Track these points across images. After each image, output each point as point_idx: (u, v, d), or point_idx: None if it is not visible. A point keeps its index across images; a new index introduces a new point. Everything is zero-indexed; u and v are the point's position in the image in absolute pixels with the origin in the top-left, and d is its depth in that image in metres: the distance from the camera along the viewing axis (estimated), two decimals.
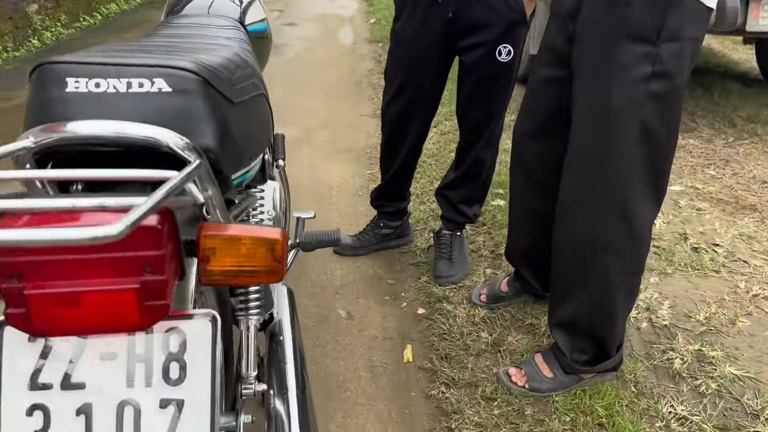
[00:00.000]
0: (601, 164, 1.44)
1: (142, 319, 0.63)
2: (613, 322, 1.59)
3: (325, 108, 4.21)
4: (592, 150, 1.45)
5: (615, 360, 1.67)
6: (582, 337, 1.64)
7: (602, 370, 1.68)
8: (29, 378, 0.68)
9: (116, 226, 0.49)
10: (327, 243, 1.79)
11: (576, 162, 1.50)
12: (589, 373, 1.68)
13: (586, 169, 1.47)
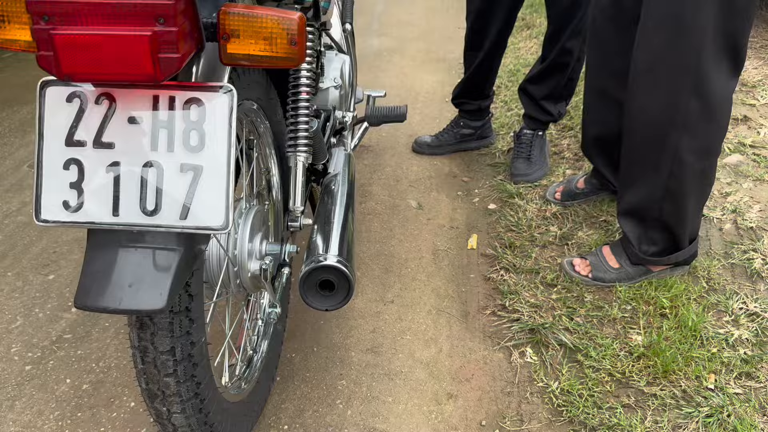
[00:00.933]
0: (673, 26, 1.33)
1: (155, 69, 0.67)
2: (684, 210, 1.50)
3: (423, 20, 4.14)
4: (665, 10, 1.34)
5: (687, 252, 1.58)
6: (651, 226, 1.56)
7: (673, 262, 1.59)
8: (66, 135, 0.75)
9: None
10: (393, 118, 1.80)
11: (648, 25, 1.39)
12: (658, 265, 1.60)
13: (657, 33, 1.37)
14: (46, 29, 0.65)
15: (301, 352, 1.49)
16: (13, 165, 2.32)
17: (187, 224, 0.74)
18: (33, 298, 1.66)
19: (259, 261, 1.11)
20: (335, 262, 1.03)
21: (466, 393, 1.39)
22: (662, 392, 1.34)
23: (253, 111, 1.13)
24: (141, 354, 0.86)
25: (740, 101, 2.57)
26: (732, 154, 2.17)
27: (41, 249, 1.86)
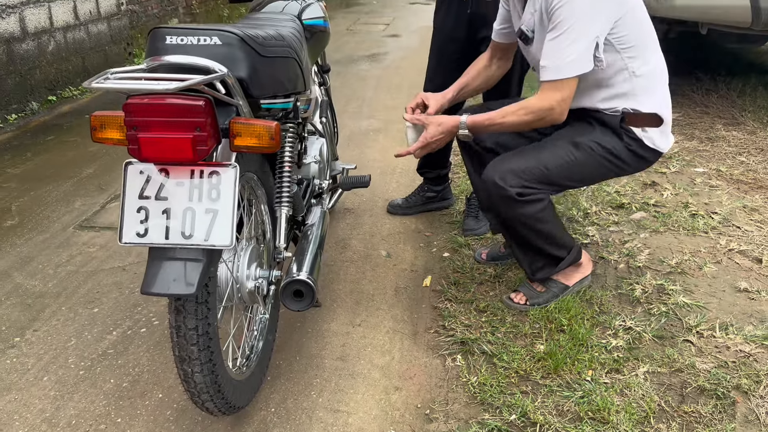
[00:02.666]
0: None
1: (194, 155, 1.21)
2: (538, 242, 2.04)
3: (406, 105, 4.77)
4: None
5: (570, 258, 2.09)
6: (527, 256, 2.10)
7: (563, 268, 2.11)
8: (138, 192, 1.28)
9: (169, 86, 1.07)
10: (360, 184, 2.36)
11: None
12: (552, 274, 2.11)
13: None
14: (135, 134, 1.20)
15: (286, 360, 1.97)
16: (60, 227, 2.86)
17: (208, 243, 1.27)
18: (83, 325, 2.17)
19: (254, 281, 1.63)
20: (305, 277, 1.55)
21: (409, 387, 1.86)
22: (552, 383, 1.81)
23: (253, 180, 1.68)
24: (176, 330, 1.36)
25: (654, 170, 3.13)
26: (637, 212, 2.70)
27: (87, 290, 2.37)
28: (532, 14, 1.87)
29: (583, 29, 1.74)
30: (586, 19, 1.73)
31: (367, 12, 9.69)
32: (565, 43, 1.75)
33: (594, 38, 1.75)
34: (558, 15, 1.74)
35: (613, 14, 1.78)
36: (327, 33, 2.34)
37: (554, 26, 1.77)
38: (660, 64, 1.95)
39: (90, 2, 5.20)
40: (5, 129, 4.20)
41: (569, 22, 1.73)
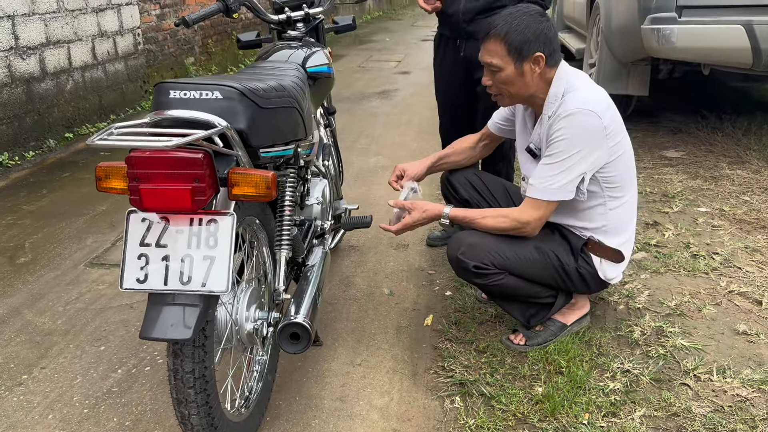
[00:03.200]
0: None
1: (192, 205, 1.26)
2: (520, 298, 2.10)
3: (414, 142, 4.84)
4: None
5: (561, 302, 2.13)
6: (516, 309, 2.14)
7: (556, 311, 2.15)
8: (140, 239, 1.34)
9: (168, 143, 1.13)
10: (361, 225, 2.40)
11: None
12: (547, 318, 2.15)
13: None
14: (136, 185, 1.26)
15: (286, 400, 2.00)
16: (71, 264, 2.93)
17: (205, 289, 1.31)
18: (89, 363, 2.21)
19: (253, 323, 1.67)
20: (301, 320, 1.59)
21: (407, 429, 1.87)
22: (548, 426, 1.82)
23: (255, 223, 1.73)
24: (173, 374, 1.40)
25: (656, 209, 3.15)
26: (638, 252, 2.71)
27: (95, 328, 2.42)
28: (540, 135, 1.97)
29: (575, 164, 1.85)
30: (579, 156, 1.84)
31: (379, 49, 9.86)
32: (555, 170, 1.87)
33: (581, 174, 1.87)
34: (557, 146, 1.86)
35: (606, 157, 1.89)
36: (331, 78, 2.41)
37: (551, 153, 1.88)
38: (633, 202, 2.07)
39: (108, 43, 5.37)
40: (23, 166, 4.32)
41: (564, 155, 1.85)
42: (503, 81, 1.92)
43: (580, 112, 1.83)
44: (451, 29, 2.74)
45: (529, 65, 1.87)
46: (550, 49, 1.87)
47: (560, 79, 1.92)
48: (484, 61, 1.94)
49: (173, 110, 1.35)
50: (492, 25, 1.90)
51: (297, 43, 2.34)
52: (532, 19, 1.86)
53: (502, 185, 2.39)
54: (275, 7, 2.47)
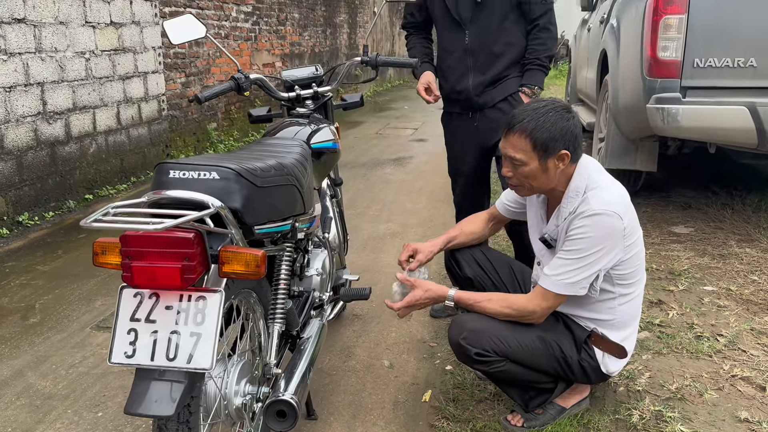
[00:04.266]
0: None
1: (181, 283, 1.30)
2: (520, 383, 2.09)
3: (425, 209, 4.90)
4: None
5: (561, 387, 2.11)
6: (515, 392, 2.13)
7: (556, 395, 2.13)
8: (130, 315, 1.37)
9: (157, 227, 1.18)
10: (359, 297, 2.42)
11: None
12: (546, 402, 2.12)
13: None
14: (129, 263, 1.31)
15: None
16: (78, 327, 2.97)
17: (190, 366, 1.34)
18: (85, 430, 2.21)
19: (242, 398, 1.67)
20: (289, 397, 1.59)
21: None
22: None
23: (251, 296, 1.76)
24: None
25: (661, 287, 3.12)
26: (641, 332, 2.68)
27: (94, 393, 2.44)
28: (557, 227, 1.98)
29: (591, 263, 1.86)
30: (597, 255, 1.85)
31: (397, 117, 10.10)
32: (571, 266, 1.87)
33: (596, 271, 1.88)
34: (577, 243, 1.86)
35: (621, 255, 1.90)
36: (337, 153, 2.49)
37: (570, 249, 1.89)
38: (640, 296, 2.07)
39: (133, 108, 5.58)
40: (41, 226, 4.44)
41: (583, 253, 1.86)
42: (525, 175, 1.92)
43: (604, 213, 1.83)
44: (461, 105, 2.85)
45: (554, 161, 1.88)
46: (575, 145, 1.89)
47: (581, 174, 1.93)
48: (507, 154, 1.92)
49: (170, 190, 1.41)
50: (517, 119, 1.89)
51: (304, 120, 2.42)
52: (559, 116, 1.86)
53: (508, 264, 2.40)
54: (286, 84, 2.58)
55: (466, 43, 2.74)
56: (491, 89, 2.77)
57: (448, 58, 2.82)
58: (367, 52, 2.61)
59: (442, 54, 2.87)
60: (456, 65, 2.79)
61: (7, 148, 4.24)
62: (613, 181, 1.97)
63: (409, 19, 3.04)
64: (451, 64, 2.80)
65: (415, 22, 3.02)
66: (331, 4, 11.03)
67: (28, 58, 4.34)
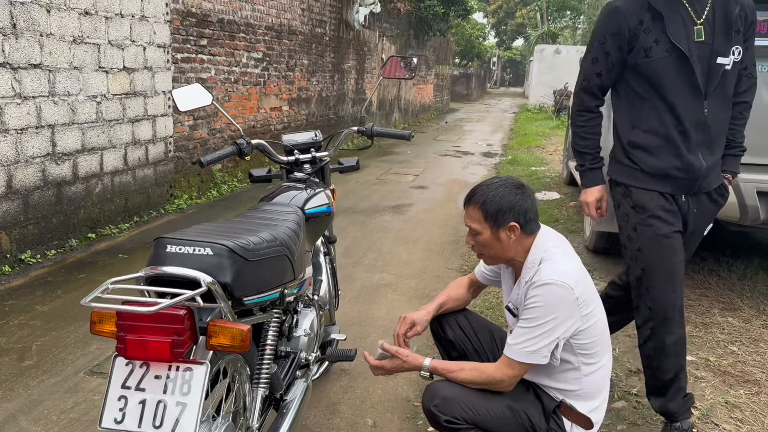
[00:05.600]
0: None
1: (170, 356, 1.40)
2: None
3: (420, 260, 5.00)
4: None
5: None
6: None
7: None
8: (122, 382, 1.47)
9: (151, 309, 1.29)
10: (344, 358, 2.51)
11: None
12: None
13: None
14: (123, 336, 1.41)
15: None
16: (73, 371, 3.05)
17: None
18: None
19: None
20: None
21: None
22: None
23: (238, 359, 1.85)
24: None
25: None
26: (618, 401, 2.75)
27: None
28: (518, 296, 2.11)
29: (548, 331, 1.96)
30: (552, 323, 1.96)
31: (399, 161, 10.28)
32: (529, 335, 1.98)
33: (555, 340, 1.98)
34: (532, 312, 1.98)
35: (578, 324, 2.00)
36: (330, 215, 2.60)
37: (526, 318, 2.00)
38: (607, 368, 2.15)
39: (140, 150, 5.74)
40: (43, 264, 4.55)
41: (537, 321, 1.97)
42: (482, 243, 2.08)
43: (553, 283, 1.95)
44: (678, 186, 2.36)
45: (505, 232, 2.03)
46: (525, 218, 2.03)
47: (537, 247, 2.06)
48: (467, 224, 2.10)
49: (166, 266, 1.52)
50: (473, 193, 2.09)
51: (301, 184, 2.55)
52: (508, 191, 2.03)
53: (488, 329, 2.49)
54: (286, 148, 2.72)
55: (705, 114, 2.30)
56: (713, 171, 2.39)
57: (670, 130, 2.32)
58: (363, 123, 2.75)
59: (658, 122, 2.33)
60: (682, 139, 2.31)
61: (14, 187, 4.37)
62: (570, 255, 2.09)
63: (595, 83, 2.44)
64: (675, 136, 2.31)
65: (601, 88, 2.46)
66: (340, 51, 11.33)
67: (41, 101, 4.52)
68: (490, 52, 47.57)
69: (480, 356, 2.38)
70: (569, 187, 7.72)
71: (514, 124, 17.79)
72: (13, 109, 4.28)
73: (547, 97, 21.75)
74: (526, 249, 2.07)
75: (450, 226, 6.14)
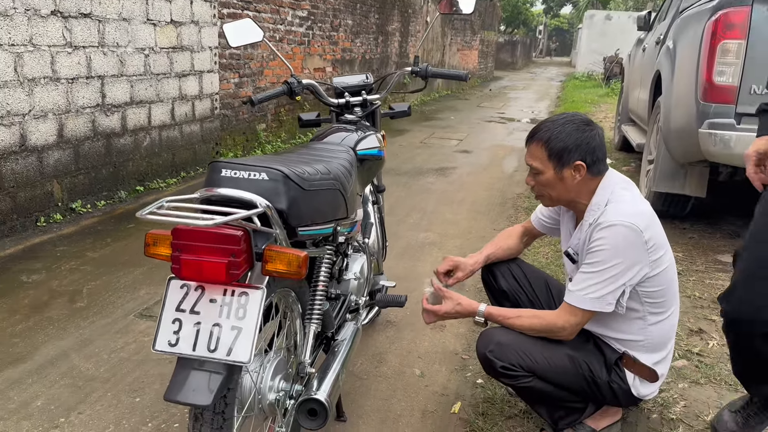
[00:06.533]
0: None
1: (226, 278, 1.35)
2: (549, 399, 2.06)
3: (465, 220, 4.90)
4: None
5: (592, 408, 2.09)
6: (544, 409, 2.11)
7: (587, 416, 2.11)
8: (176, 305, 1.43)
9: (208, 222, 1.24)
10: (395, 304, 2.44)
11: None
12: (576, 422, 2.10)
13: None
14: (178, 255, 1.37)
15: None
16: (122, 314, 3.08)
17: (229, 358, 1.38)
18: (123, 413, 2.29)
19: (276, 393, 1.72)
20: (322, 397, 1.63)
21: None
22: None
23: (290, 295, 1.81)
24: None
25: (703, 316, 3.05)
26: (679, 359, 2.63)
27: (134, 378, 2.52)
28: (579, 240, 1.99)
29: (613, 276, 1.84)
30: (619, 268, 1.84)
31: (443, 127, 10.11)
32: (593, 280, 1.86)
33: (621, 286, 1.85)
34: (596, 255, 1.86)
35: (647, 271, 1.87)
36: (381, 160, 2.52)
37: (590, 262, 1.88)
38: (674, 319, 2.03)
39: (187, 105, 5.74)
40: (93, 214, 4.61)
41: (604, 265, 1.85)
42: (543, 184, 1.97)
43: (620, 224, 1.83)
44: None
45: (570, 171, 1.91)
46: (593, 158, 1.90)
47: (605, 188, 1.94)
48: (527, 163, 2.00)
49: (221, 188, 1.47)
50: (537, 129, 1.97)
51: (352, 126, 2.47)
52: (575, 127, 1.90)
53: (544, 280, 2.40)
54: (336, 91, 2.64)
55: None
56: None
57: None
58: (417, 63, 2.65)
59: None
60: None
61: (66, 137, 4.42)
62: (638, 198, 1.96)
63: None
64: None
65: None
66: (385, 12, 11.13)
67: (91, 51, 4.52)
68: (536, 20, 46.34)
69: (535, 307, 2.30)
70: (620, 153, 7.46)
71: (560, 92, 17.33)
72: (64, 58, 4.29)
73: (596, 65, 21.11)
74: (592, 191, 1.95)
75: (496, 188, 6.00)
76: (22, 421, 2.23)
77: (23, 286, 3.32)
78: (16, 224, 4.03)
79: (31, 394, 2.39)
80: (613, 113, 9.45)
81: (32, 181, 4.16)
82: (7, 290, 3.27)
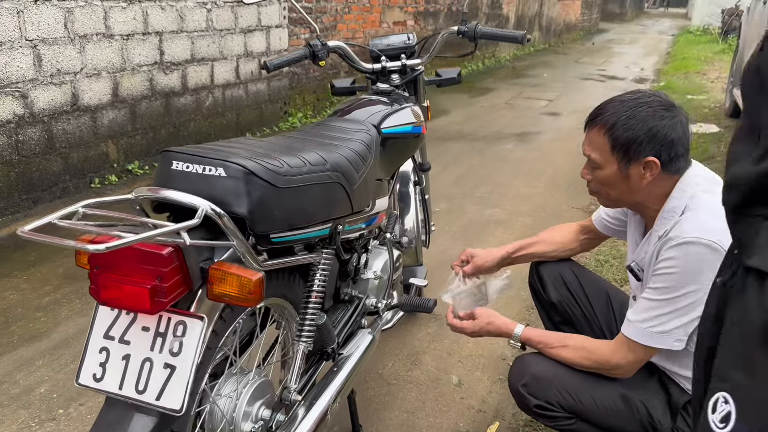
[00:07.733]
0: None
1: (151, 307, 1.07)
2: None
3: (541, 195, 4.43)
4: None
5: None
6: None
7: None
8: (105, 330, 1.17)
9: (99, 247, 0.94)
10: (421, 309, 2.10)
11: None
12: None
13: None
14: (96, 274, 1.09)
15: None
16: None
17: (159, 404, 1.11)
18: None
19: (252, 424, 1.44)
20: None
21: None
22: None
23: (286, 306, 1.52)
24: None
25: None
26: None
27: None
28: (646, 254, 1.56)
29: (685, 307, 1.42)
30: (693, 297, 1.40)
31: (533, 85, 9.41)
32: (659, 311, 1.45)
33: (694, 319, 1.41)
34: (665, 279, 1.44)
35: None
36: (419, 138, 2.14)
37: (656, 287, 1.46)
38: None
39: (252, 63, 5.52)
40: (150, 175, 4.52)
41: (672, 293, 1.43)
42: (602, 181, 1.54)
43: (698, 241, 1.39)
44: None
45: (638, 169, 1.47)
46: (670, 153, 1.45)
47: (683, 190, 1.48)
48: (584, 152, 1.57)
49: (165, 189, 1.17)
50: (600, 110, 1.52)
51: (386, 98, 2.11)
52: (652, 113, 1.44)
53: (605, 292, 1.96)
54: (372, 55, 2.27)
55: None
56: None
57: None
58: (465, 22, 2.22)
59: None
60: None
61: (121, 96, 4.30)
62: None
63: None
64: None
65: None
66: None
67: (147, 6, 4.35)
68: None
69: (591, 326, 1.89)
70: (732, 120, 6.60)
71: (671, 48, 15.84)
72: (118, 13, 4.14)
73: (713, 18, 19.16)
74: (665, 193, 1.50)
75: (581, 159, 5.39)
76: (20, 410, 2.11)
77: (62, 253, 3.24)
78: (69, 185, 3.99)
79: (36, 378, 2.26)
80: (727, 73, 8.40)
81: (86, 142, 4.08)
82: (47, 255, 3.19)
